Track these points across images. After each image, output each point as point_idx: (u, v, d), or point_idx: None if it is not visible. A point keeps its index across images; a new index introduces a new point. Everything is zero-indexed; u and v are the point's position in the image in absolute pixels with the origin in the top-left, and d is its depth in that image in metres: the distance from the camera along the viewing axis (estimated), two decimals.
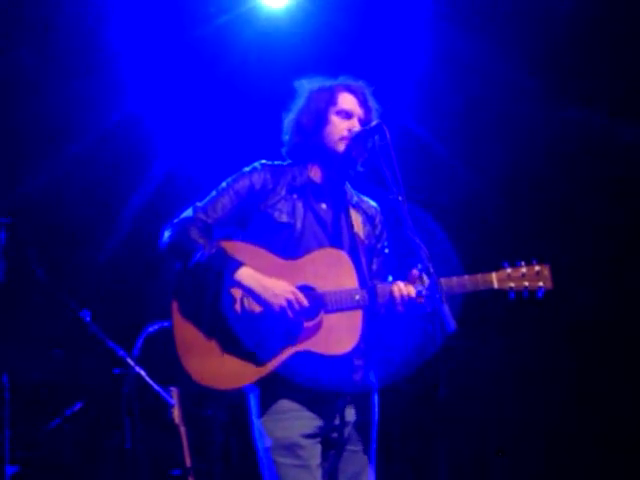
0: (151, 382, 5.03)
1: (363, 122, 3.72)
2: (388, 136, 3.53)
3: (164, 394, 5.07)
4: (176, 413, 5.15)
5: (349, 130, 3.69)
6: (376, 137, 3.59)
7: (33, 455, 5.51)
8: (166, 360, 3.61)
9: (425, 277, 3.44)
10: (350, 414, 3.62)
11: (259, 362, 3.48)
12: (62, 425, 5.47)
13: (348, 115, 3.73)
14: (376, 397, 3.72)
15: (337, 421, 3.59)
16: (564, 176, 6.25)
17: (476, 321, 5.94)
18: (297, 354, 3.49)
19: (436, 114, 6.31)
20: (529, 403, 6.40)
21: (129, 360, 5.03)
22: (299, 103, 3.82)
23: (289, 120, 3.83)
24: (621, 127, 6.09)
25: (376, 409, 3.71)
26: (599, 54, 6.02)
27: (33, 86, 6.08)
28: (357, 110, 3.74)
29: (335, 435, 3.60)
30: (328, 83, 3.81)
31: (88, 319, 5.10)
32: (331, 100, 3.73)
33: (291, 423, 3.51)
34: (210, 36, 6.12)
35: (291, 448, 3.49)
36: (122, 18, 5.94)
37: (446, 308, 3.27)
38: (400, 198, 3.44)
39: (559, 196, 6.29)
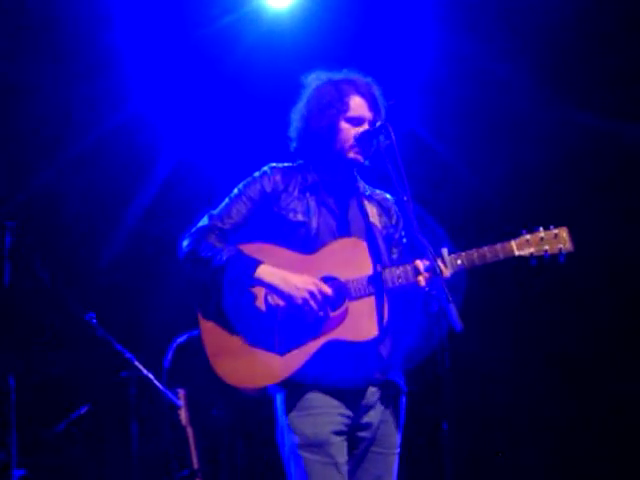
0: (158, 384, 5.03)
1: (372, 124, 3.71)
2: (393, 136, 3.54)
3: (171, 396, 5.07)
4: (183, 415, 5.15)
5: (357, 132, 3.68)
6: (381, 137, 3.61)
7: (40, 458, 5.51)
8: (199, 369, 3.67)
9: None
10: (378, 414, 3.62)
11: (290, 356, 3.49)
12: (69, 428, 5.46)
13: (359, 122, 3.72)
14: (404, 399, 3.72)
15: (365, 419, 3.59)
16: (567, 177, 6.24)
17: (481, 319, 5.97)
18: (327, 344, 3.50)
19: (439, 115, 6.31)
20: (534, 403, 6.40)
21: (136, 362, 5.03)
22: (308, 102, 3.79)
23: (298, 119, 3.82)
24: (624, 128, 6.09)
25: (404, 412, 3.70)
26: (602, 55, 6.02)
27: (37, 88, 6.08)
28: (367, 114, 3.73)
29: (362, 434, 3.61)
30: (337, 82, 3.77)
31: (94, 322, 5.11)
32: (341, 107, 3.71)
33: (320, 419, 3.51)
34: (214, 36, 6.11)
35: (320, 445, 3.49)
36: (126, 19, 5.94)
37: (453, 308, 3.28)
38: (405, 198, 3.46)
39: (562, 197, 6.28)
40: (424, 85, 6.17)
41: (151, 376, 5.03)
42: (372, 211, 3.76)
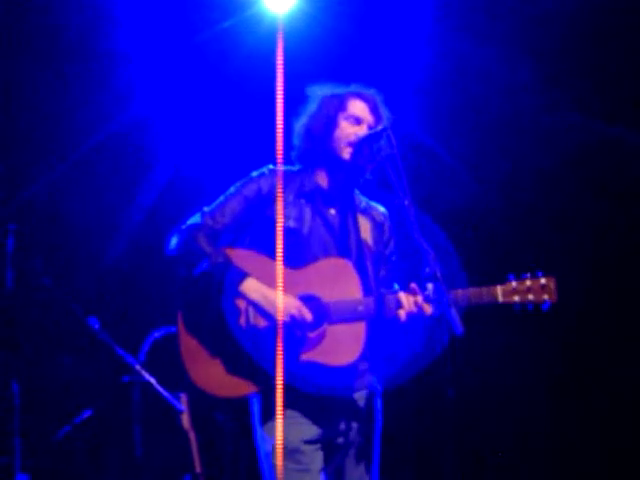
0: (160, 389, 5.03)
1: (373, 129, 3.72)
2: (394, 140, 3.55)
3: (173, 400, 5.07)
4: (185, 419, 5.15)
5: (357, 136, 3.69)
6: (382, 142, 3.61)
7: (43, 463, 5.51)
8: (173, 365, 3.67)
9: (431, 282, 3.47)
10: (354, 418, 3.65)
11: (263, 373, 3.51)
12: (72, 433, 5.47)
13: (358, 121, 3.74)
14: (379, 401, 3.74)
15: (341, 426, 3.62)
16: (568, 181, 6.23)
17: (484, 321, 5.95)
18: (301, 364, 3.53)
19: (439, 118, 6.29)
20: (539, 404, 6.39)
21: (138, 367, 5.03)
22: (310, 109, 3.84)
23: (299, 125, 3.85)
24: (625, 132, 6.08)
25: (379, 414, 3.73)
26: (603, 57, 6.00)
27: (38, 91, 6.07)
28: (367, 117, 3.75)
29: (339, 440, 3.64)
30: (339, 90, 3.83)
31: (96, 326, 5.11)
32: (341, 106, 3.76)
33: (291, 429, 3.53)
34: (213, 41, 6.10)
35: (291, 453, 3.52)
36: (126, 23, 5.93)
37: (454, 312, 3.29)
38: (406, 202, 3.45)
39: (563, 201, 6.27)
40: (424, 87, 6.15)
41: (153, 380, 5.03)
42: (365, 226, 3.76)
